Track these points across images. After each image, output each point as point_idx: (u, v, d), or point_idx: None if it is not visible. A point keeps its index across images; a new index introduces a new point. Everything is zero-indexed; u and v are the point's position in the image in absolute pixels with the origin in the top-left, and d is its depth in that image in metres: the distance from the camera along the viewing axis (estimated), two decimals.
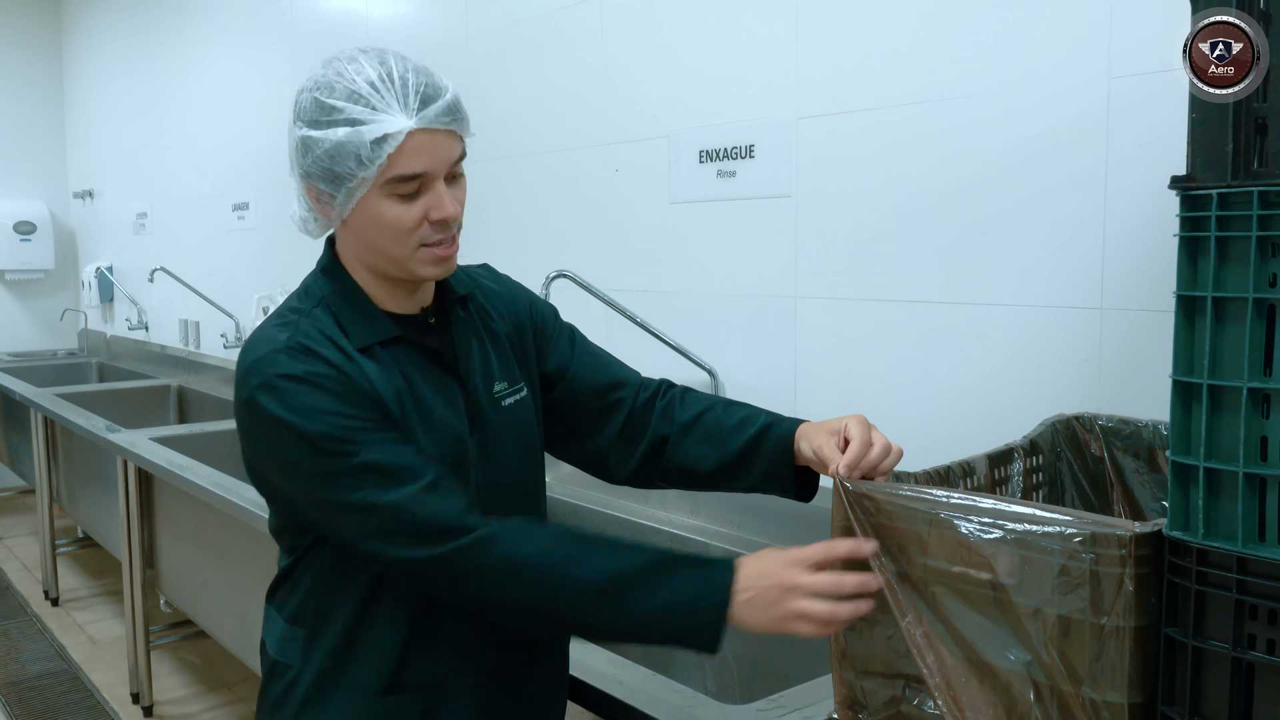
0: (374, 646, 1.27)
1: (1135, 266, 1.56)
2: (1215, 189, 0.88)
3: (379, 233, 1.20)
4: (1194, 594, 0.90)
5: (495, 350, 1.36)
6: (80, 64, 6.28)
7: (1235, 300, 0.88)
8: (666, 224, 2.34)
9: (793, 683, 1.52)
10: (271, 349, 1.19)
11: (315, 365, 1.17)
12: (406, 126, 1.14)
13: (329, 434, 1.15)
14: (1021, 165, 1.68)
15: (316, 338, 1.20)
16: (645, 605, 1.13)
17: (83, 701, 3.58)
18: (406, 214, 1.18)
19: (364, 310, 1.25)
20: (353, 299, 1.26)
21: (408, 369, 1.25)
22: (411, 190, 1.18)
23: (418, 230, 1.19)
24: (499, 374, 1.35)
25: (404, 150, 1.15)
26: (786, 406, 2.10)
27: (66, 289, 6.56)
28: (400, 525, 1.15)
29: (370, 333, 1.24)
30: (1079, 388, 1.62)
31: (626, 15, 2.40)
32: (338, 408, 1.16)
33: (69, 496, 4.49)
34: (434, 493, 1.15)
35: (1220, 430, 0.89)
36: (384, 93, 1.16)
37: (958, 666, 1.04)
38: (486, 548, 1.14)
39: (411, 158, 1.16)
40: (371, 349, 1.23)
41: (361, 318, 1.25)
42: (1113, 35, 1.55)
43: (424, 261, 1.22)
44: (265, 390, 1.16)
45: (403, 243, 1.20)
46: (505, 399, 1.34)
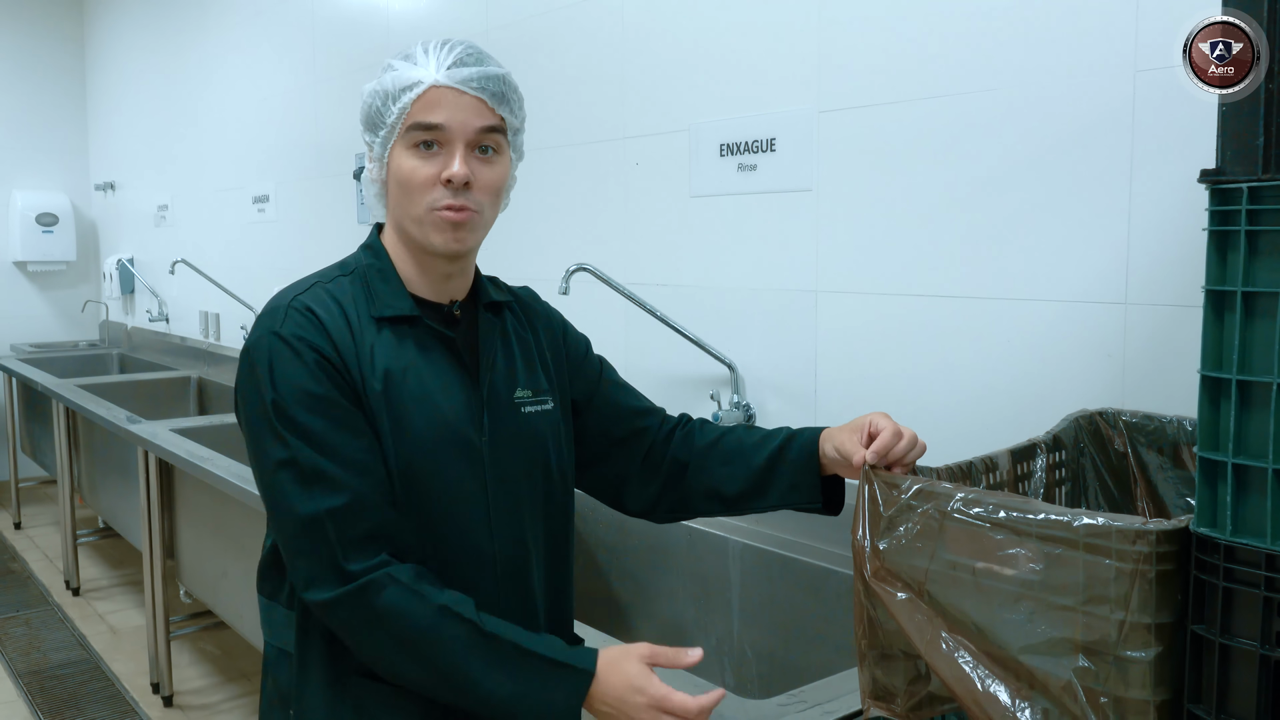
0: None
1: (1159, 261, 1.55)
2: (1246, 182, 0.88)
3: (401, 188, 1.25)
4: (1221, 591, 0.89)
5: (523, 358, 1.38)
6: (103, 56, 6.32)
7: (1266, 295, 0.87)
8: (686, 217, 2.34)
9: (812, 677, 1.52)
10: (277, 305, 1.25)
11: (309, 331, 1.21)
12: (432, 79, 1.22)
13: (282, 404, 1.18)
14: (1045, 159, 1.67)
15: (326, 303, 1.25)
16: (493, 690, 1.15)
17: (103, 691, 3.61)
18: (421, 168, 1.23)
19: (392, 286, 1.29)
20: (384, 274, 1.30)
21: (418, 352, 1.27)
22: (429, 140, 1.23)
23: (431, 190, 1.23)
24: (522, 381, 1.36)
25: (425, 99, 1.22)
26: (807, 401, 2.10)
27: (88, 280, 6.61)
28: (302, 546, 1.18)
29: (391, 306, 1.27)
30: (1103, 383, 1.61)
31: (647, 8, 2.39)
32: (311, 383, 1.19)
33: (90, 487, 4.53)
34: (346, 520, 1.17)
35: (1249, 426, 0.89)
36: (430, 53, 1.25)
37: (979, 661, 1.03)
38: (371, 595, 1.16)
39: (430, 108, 1.22)
40: (387, 323, 1.26)
41: (387, 292, 1.28)
42: (1139, 28, 1.53)
43: (435, 226, 1.24)
44: (256, 345, 1.22)
45: (419, 200, 1.24)
46: (526, 406, 1.35)
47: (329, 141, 3.85)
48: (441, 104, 1.22)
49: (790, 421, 2.13)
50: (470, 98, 1.23)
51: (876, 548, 1.12)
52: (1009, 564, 1.00)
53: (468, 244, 1.27)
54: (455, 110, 1.22)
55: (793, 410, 2.13)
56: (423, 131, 1.22)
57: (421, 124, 1.22)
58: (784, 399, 2.16)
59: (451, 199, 1.23)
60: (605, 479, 1.47)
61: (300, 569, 1.19)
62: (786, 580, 2.02)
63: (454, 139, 1.23)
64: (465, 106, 1.23)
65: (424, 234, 1.25)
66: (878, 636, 1.14)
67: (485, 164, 1.25)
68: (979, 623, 1.03)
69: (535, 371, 1.38)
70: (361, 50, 3.60)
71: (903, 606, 1.09)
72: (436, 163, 1.23)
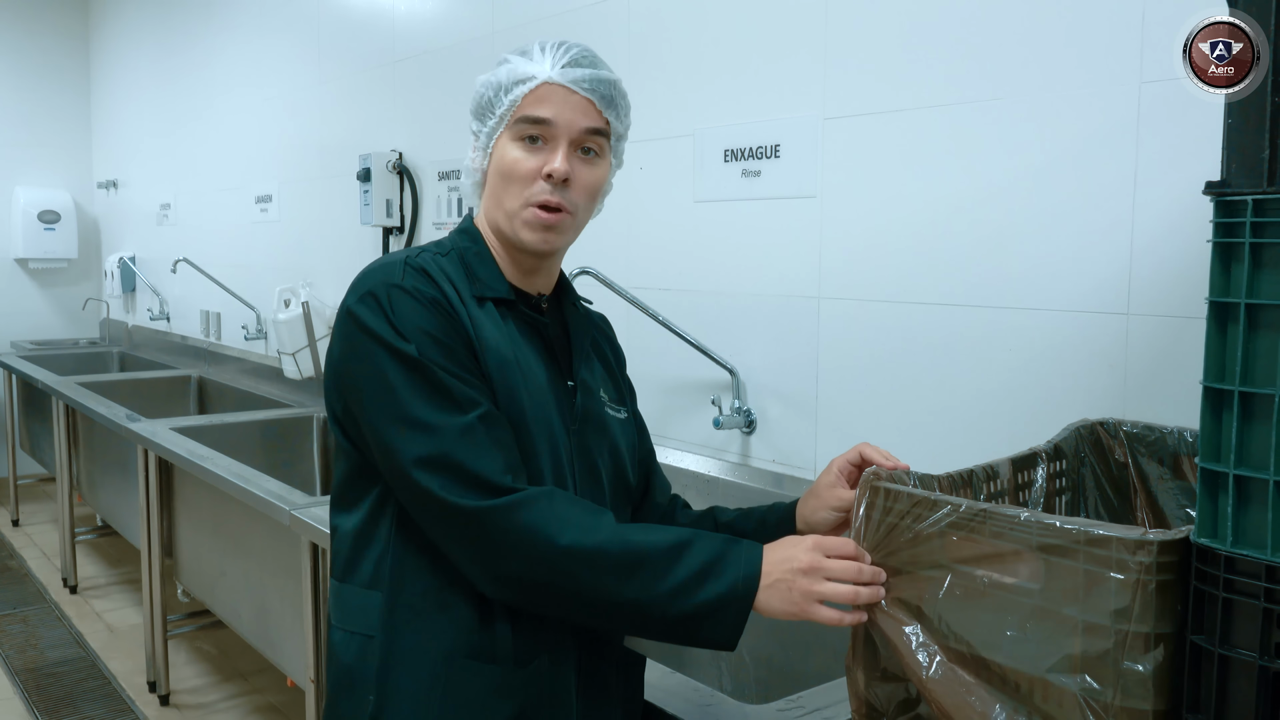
0: (461, 610, 1.23)
1: (1162, 272, 1.55)
2: (1250, 195, 0.88)
3: (501, 179, 1.27)
4: (1221, 601, 0.89)
5: (604, 367, 1.43)
6: (107, 55, 6.33)
7: (1269, 307, 0.87)
8: (690, 222, 2.34)
9: (810, 683, 1.52)
10: (390, 262, 1.26)
11: (427, 286, 1.23)
12: (545, 74, 1.25)
13: (416, 346, 1.18)
14: (1049, 168, 1.67)
15: (436, 270, 1.26)
16: (668, 580, 1.13)
17: (100, 689, 3.60)
18: (526, 160, 1.25)
19: (490, 269, 1.31)
20: (482, 257, 1.31)
21: (517, 334, 1.29)
22: (535, 135, 1.25)
23: (533, 183, 1.25)
24: (604, 384, 1.40)
25: (536, 94, 1.25)
26: (808, 407, 2.10)
27: (89, 278, 6.61)
28: (452, 461, 1.15)
29: (492, 288, 1.29)
30: (1104, 393, 1.61)
31: (653, 12, 2.40)
32: (434, 327, 1.20)
33: (89, 485, 4.53)
34: (492, 431, 1.18)
35: (1251, 438, 0.89)
36: (545, 51, 1.27)
37: (977, 670, 1.04)
38: (522, 511, 1.15)
39: (541, 103, 1.24)
40: (487, 304, 1.28)
41: (487, 274, 1.30)
42: (1145, 40, 1.54)
43: (528, 223, 1.26)
44: (372, 296, 1.21)
45: (517, 193, 1.25)
46: (609, 408, 1.38)
47: (333, 142, 3.85)
48: (551, 100, 1.24)
49: (791, 425, 2.14)
50: (580, 97, 1.25)
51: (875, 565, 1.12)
52: (1009, 573, 1.00)
53: (556, 245, 1.29)
54: (564, 108, 1.24)
55: (793, 416, 2.13)
56: (530, 125, 1.24)
57: (530, 117, 1.24)
58: (785, 404, 2.16)
59: (550, 194, 1.25)
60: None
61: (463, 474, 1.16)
62: None
63: (559, 135, 1.24)
64: (574, 105, 1.25)
65: (514, 229, 1.27)
66: (870, 655, 1.15)
67: (586, 164, 1.27)
68: (976, 633, 1.03)
69: (612, 381, 1.43)
70: (367, 52, 3.61)
71: (898, 629, 1.09)
72: (540, 157, 1.25)
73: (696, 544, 1.16)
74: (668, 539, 1.16)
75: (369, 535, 1.28)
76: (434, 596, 1.24)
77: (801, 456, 2.13)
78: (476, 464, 1.16)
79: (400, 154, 3.42)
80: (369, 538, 1.28)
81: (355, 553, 1.29)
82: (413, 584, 1.24)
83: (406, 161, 3.41)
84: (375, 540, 1.27)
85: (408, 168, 3.40)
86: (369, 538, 1.28)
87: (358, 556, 1.29)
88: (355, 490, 1.30)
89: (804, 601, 1.12)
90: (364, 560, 1.28)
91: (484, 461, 1.16)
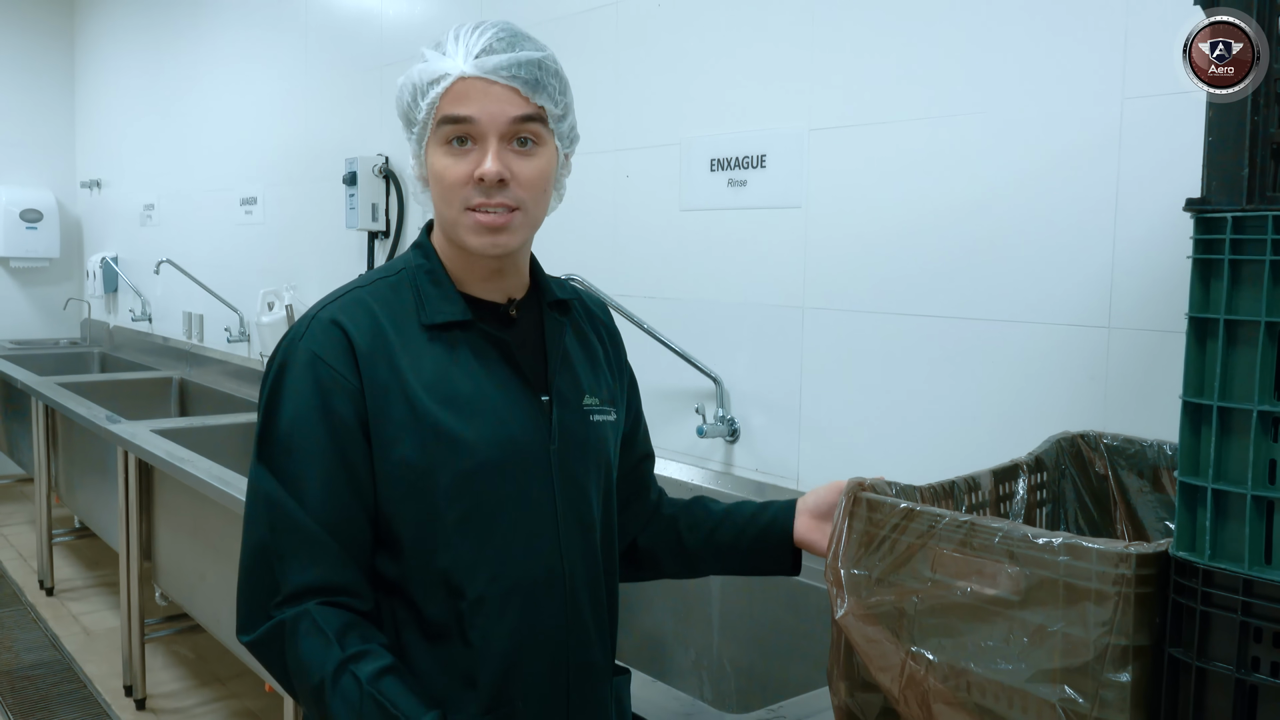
0: (444, 664, 1.19)
1: (1143, 286, 1.56)
2: (1230, 212, 0.89)
3: (437, 187, 1.19)
4: (1199, 615, 0.90)
5: (590, 364, 1.33)
6: (92, 54, 6.30)
7: (1247, 323, 0.88)
8: (676, 231, 2.35)
9: (791, 693, 1.53)
10: (307, 315, 1.22)
11: (328, 347, 1.17)
12: (459, 69, 1.15)
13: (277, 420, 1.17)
14: (1032, 182, 1.69)
15: (358, 317, 1.19)
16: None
17: (75, 693, 3.57)
18: (454, 167, 1.16)
19: (442, 290, 1.23)
20: (434, 276, 1.23)
21: (473, 358, 1.21)
22: (460, 136, 1.16)
23: (464, 188, 1.16)
24: (589, 387, 1.30)
25: (453, 91, 1.15)
26: (791, 416, 2.11)
27: (70, 278, 6.57)
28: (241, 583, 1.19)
29: (441, 312, 1.21)
30: (1085, 406, 1.62)
31: (641, 21, 2.41)
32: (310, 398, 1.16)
33: (67, 486, 4.49)
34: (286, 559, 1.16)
35: (1229, 452, 0.90)
36: (459, 41, 1.17)
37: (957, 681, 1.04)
38: (282, 638, 1.15)
39: (458, 100, 1.15)
40: (439, 330, 1.21)
41: (438, 296, 1.22)
42: (1128, 56, 1.55)
43: (469, 229, 1.17)
44: (274, 353, 1.21)
45: (450, 200, 1.18)
46: (594, 414, 1.29)
47: (319, 145, 3.85)
48: (471, 96, 1.15)
49: (775, 434, 2.14)
50: (501, 87, 1.15)
51: (853, 574, 1.13)
52: (989, 585, 1.01)
53: (508, 246, 1.19)
54: (485, 101, 1.15)
55: (777, 425, 2.14)
56: (452, 126, 1.15)
57: (450, 117, 1.15)
58: (769, 413, 2.16)
59: (485, 197, 1.16)
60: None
61: (239, 600, 1.20)
62: (766, 595, 2.03)
63: (487, 132, 1.15)
64: (496, 97, 1.15)
65: (460, 237, 1.19)
66: (851, 665, 1.15)
67: (524, 157, 1.17)
68: (957, 644, 1.03)
69: (604, 380, 1.33)
70: (355, 55, 3.60)
71: (874, 639, 1.10)
72: (470, 160, 1.16)
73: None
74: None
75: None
76: (397, 651, 1.18)
77: (784, 465, 2.14)
78: (250, 593, 1.19)
79: (387, 158, 3.41)
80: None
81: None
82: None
83: (393, 166, 3.40)
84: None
85: (394, 172, 3.40)
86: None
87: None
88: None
89: None
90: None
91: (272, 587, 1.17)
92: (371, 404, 1.17)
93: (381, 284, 1.23)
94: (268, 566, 1.16)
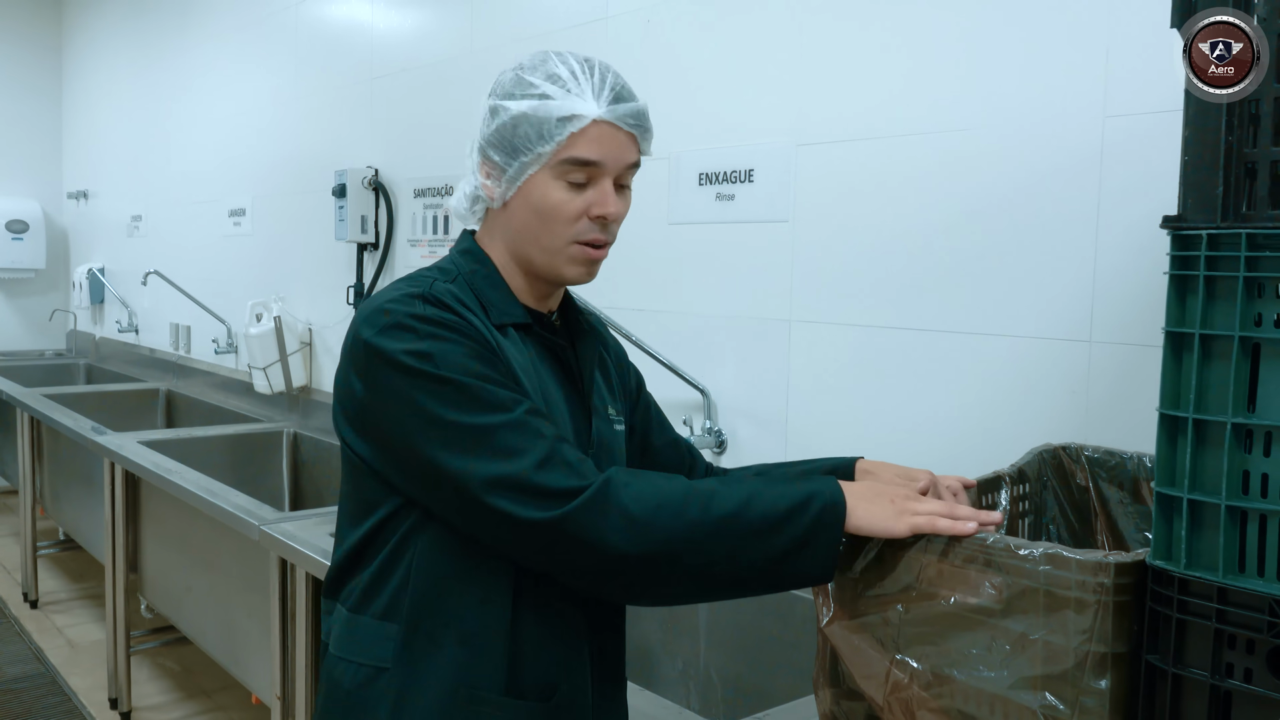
0: (481, 644, 1.19)
1: (1123, 301, 1.59)
2: (1205, 230, 0.91)
3: (539, 217, 1.21)
4: (1175, 622, 0.92)
5: (606, 378, 1.39)
6: (80, 65, 6.29)
7: (1222, 338, 0.91)
8: (664, 244, 2.37)
9: (776, 702, 1.54)
10: (404, 294, 1.19)
11: (452, 317, 1.17)
12: (595, 113, 1.19)
13: (452, 370, 1.13)
14: (1015, 198, 1.71)
15: (451, 299, 1.19)
16: (765, 511, 1.09)
17: (60, 706, 3.55)
18: (571, 202, 1.20)
19: (503, 294, 1.26)
20: (491, 280, 1.26)
21: (540, 361, 1.26)
22: (581, 178, 1.20)
23: (577, 223, 1.21)
24: (611, 400, 1.37)
25: (586, 134, 1.18)
26: (778, 428, 2.13)
27: (57, 289, 6.55)
28: (531, 485, 1.09)
29: (508, 313, 1.24)
30: (1067, 418, 1.65)
31: (631, 37, 2.43)
32: (467, 350, 1.15)
33: (52, 498, 4.48)
34: (560, 452, 1.12)
35: (1204, 463, 0.92)
36: (581, 80, 1.21)
37: (940, 688, 1.06)
38: (609, 496, 1.09)
39: (591, 144, 1.19)
40: (506, 329, 1.23)
41: (500, 299, 1.25)
42: (1109, 75, 1.58)
43: (573, 260, 1.22)
44: (397, 331, 1.15)
45: (560, 233, 1.21)
46: (615, 425, 1.36)
47: (309, 157, 3.86)
48: (602, 141, 1.19)
49: (761, 447, 2.16)
50: (625, 134, 1.21)
51: (838, 583, 1.14)
52: (973, 594, 1.03)
53: (595, 275, 1.26)
54: (612, 147, 1.20)
55: (764, 437, 2.16)
56: (579, 168, 1.19)
57: (580, 159, 1.19)
58: (756, 425, 2.18)
59: (598, 234, 1.21)
60: None
61: (532, 497, 1.10)
62: (753, 605, 2.04)
63: (607, 175, 1.21)
64: (621, 142, 1.21)
65: (554, 264, 1.23)
66: (836, 673, 1.17)
67: (623, 198, 1.24)
68: (940, 651, 1.05)
69: (614, 392, 1.40)
70: (345, 68, 3.62)
71: (859, 647, 1.12)
72: (585, 197, 1.20)
73: (770, 489, 1.12)
74: (742, 493, 1.11)
75: (390, 568, 1.23)
76: (454, 629, 1.19)
77: None
78: (556, 480, 1.10)
79: (376, 170, 3.42)
80: (390, 571, 1.23)
81: (373, 585, 1.24)
82: (433, 617, 1.20)
83: (382, 178, 3.42)
84: (395, 573, 1.22)
85: (383, 184, 3.41)
86: (390, 571, 1.23)
87: (376, 589, 1.23)
88: (383, 525, 1.24)
89: (900, 515, 1.08)
90: (382, 593, 1.23)
91: (562, 472, 1.11)
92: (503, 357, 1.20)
93: (444, 281, 1.23)
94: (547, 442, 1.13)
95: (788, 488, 1.12)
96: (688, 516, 1.09)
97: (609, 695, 1.32)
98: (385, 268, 3.42)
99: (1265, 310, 0.89)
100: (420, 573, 1.21)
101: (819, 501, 1.09)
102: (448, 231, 3.14)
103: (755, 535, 1.09)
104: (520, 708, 1.20)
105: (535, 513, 1.09)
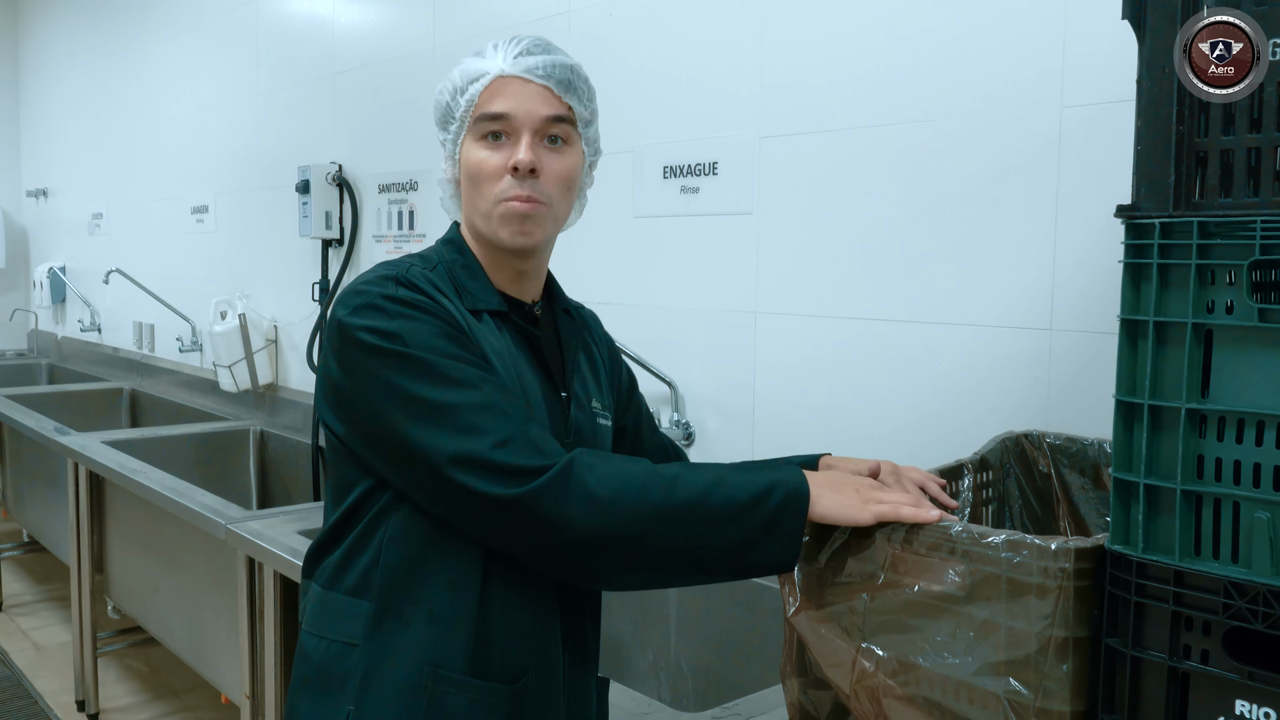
0: (451, 623, 1.20)
1: (1082, 289, 1.61)
2: (1158, 218, 0.92)
3: (470, 182, 1.26)
4: (1133, 605, 0.93)
5: (593, 372, 1.41)
6: (37, 61, 6.19)
7: (1175, 325, 0.92)
8: (630, 237, 2.37)
9: (746, 692, 1.55)
10: (380, 276, 1.22)
11: (423, 299, 1.19)
12: (498, 68, 1.24)
13: (422, 350, 1.15)
14: (976, 188, 1.73)
15: (425, 283, 1.22)
16: (729, 498, 1.10)
17: (26, 709, 3.51)
18: (490, 159, 1.23)
19: (480, 282, 1.28)
20: (470, 269, 1.29)
21: (513, 348, 1.27)
22: (497, 132, 1.23)
23: (500, 180, 1.23)
24: (595, 393, 1.38)
25: (492, 89, 1.24)
26: (744, 419, 2.13)
27: (16, 289, 6.45)
28: (494, 462, 1.10)
29: (483, 300, 1.27)
30: (1028, 405, 1.66)
31: (594, 30, 2.43)
32: (437, 329, 1.17)
33: (15, 500, 4.42)
34: (526, 431, 1.13)
35: (1160, 448, 0.93)
36: (497, 47, 1.26)
37: (905, 675, 1.07)
38: (572, 476, 1.10)
39: (495, 97, 1.23)
40: (481, 315, 1.25)
41: (476, 286, 1.28)
42: (1066, 66, 1.60)
43: (504, 219, 1.23)
44: (369, 310, 1.17)
45: (487, 193, 1.24)
46: (600, 418, 1.37)
47: (272, 153, 3.82)
48: (507, 92, 1.23)
49: (728, 439, 2.17)
50: (536, 86, 1.23)
51: (804, 573, 1.15)
52: (937, 582, 1.04)
53: (536, 238, 1.26)
54: (521, 99, 1.23)
55: (731, 428, 2.17)
56: (489, 121, 1.23)
57: (488, 114, 1.23)
58: (723, 417, 2.19)
59: (519, 188, 1.22)
60: None
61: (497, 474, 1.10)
62: (722, 596, 2.05)
63: (521, 128, 1.23)
64: (532, 94, 1.23)
65: (491, 229, 1.25)
66: (803, 663, 1.17)
67: (554, 154, 1.25)
68: (905, 639, 1.06)
69: (603, 386, 1.41)
70: (306, 63, 3.58)
71: (825, 636, 1.13)
72: (504, 152, 1.23)
73: (734, 476, 1.13)
74: (706, 478, 1.12)
75: (362, 546, 1.23)
76: (424, 608, 1.20)
77: None
78: (521, 458, 1.11)
79: (340, 166, 3.40)
80: (361, 548, 1.23)
81: (345, 562, 1.25)
82: (403, 596, 1.21)
83: (346, 174, 3.39)
84: (366, 550, 1.23)
85: (348, 180, 3.39)
86: (361, 548, 1.23)
87: (347, 566, 1.24)
88: (359, 504, 1.25)
89: (863, 504, 1.10)
90: (352, 569, 1.24)
91: (528, 450, 1.12)
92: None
93: (423, 269, 1.25)
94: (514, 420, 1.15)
95: (752, 475, 1.13)
96: (650, 500, 1.10)
97: (582, 682, 1.33)
98: (350, 264, 3.39)
99: (1217, 297, 0.90)
100: (391, 551, 1.22)
101: (782, 489, 1.11)
102: (413, 227, 3.12)
103: (718, 521, 1.10)
104: (485, 689, 1.21)
105: (498, 489, 1.10)
